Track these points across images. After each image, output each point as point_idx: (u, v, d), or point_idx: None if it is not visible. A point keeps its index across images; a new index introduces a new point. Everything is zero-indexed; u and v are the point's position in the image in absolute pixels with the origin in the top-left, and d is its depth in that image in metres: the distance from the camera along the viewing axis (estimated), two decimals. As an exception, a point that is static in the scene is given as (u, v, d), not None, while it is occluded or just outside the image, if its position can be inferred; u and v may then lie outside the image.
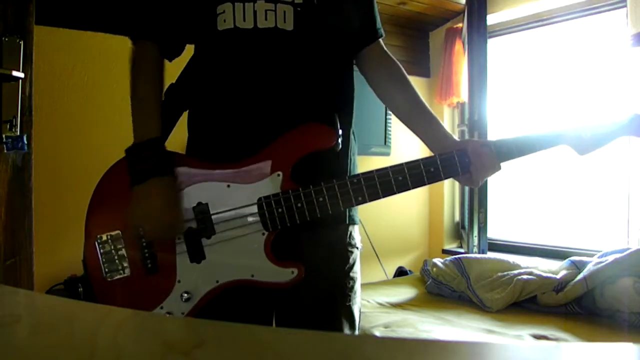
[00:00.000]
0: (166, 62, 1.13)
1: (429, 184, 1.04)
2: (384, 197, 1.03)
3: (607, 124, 1.08)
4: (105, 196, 1.07)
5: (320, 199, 1.01)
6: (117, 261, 1.04)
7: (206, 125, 1.12)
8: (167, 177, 1.02)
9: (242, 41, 1.05)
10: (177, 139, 1.15)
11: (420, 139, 1.17)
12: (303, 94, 1.06)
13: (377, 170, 1.03)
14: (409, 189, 1.03)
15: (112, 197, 1.06)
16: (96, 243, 1.04)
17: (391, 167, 1.03)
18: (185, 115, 1.17)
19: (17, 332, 0.47)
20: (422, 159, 1.04)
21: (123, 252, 1.04)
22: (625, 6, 2.64)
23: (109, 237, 1.04)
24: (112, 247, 1.04)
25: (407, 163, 1.03)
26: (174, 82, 1.16)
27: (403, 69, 1.20)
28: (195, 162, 1.07)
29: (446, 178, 1.06)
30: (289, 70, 1.06)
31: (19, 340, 0.45)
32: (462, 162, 1.05)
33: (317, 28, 1.07)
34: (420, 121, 1.16)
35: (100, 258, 1.04)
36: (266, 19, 1.04)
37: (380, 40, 1.21)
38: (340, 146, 1.04)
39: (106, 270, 1.04)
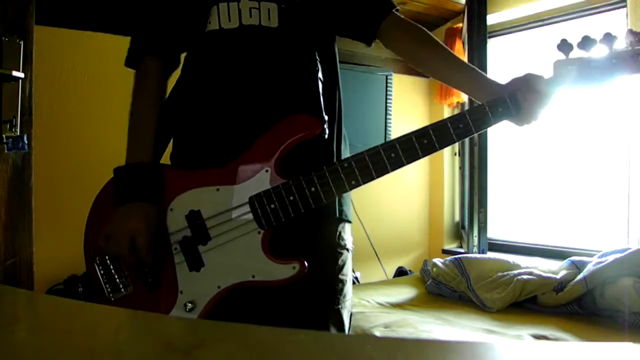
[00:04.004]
0: None
1: (440, 148, 1.00)
2: (377, 177, 1.00)
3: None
4: (100, 215, 1.06)
5: (313, 189, 0.98)
6: (117, 280, 1.03)
7: (193, 127, 1.10)
8: (148, 204, 1.01)
9: (227, 41, 1.05)
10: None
11: (466, 93, 1.15)
12: (287, 91, 1.06)
13: (367, 151, 1.00)
14: (404, 165, 1.00)
15: (107, 216, 1.03)
16: (95, 265, 1.04)
17: (381, 145, 1.00)
18: None
19: (17, 332, 0.47)
20: (430, 126, 0.99)
21: (123, 270, 1.03)
22: (625, 6, 2.64)
23: (107, 257, 1.03)
24: (112, 266, 1.03)
25: (398, 139, 1.00)
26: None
27: (427, 30, 1.16)
28: (182, 171, 1.06)
29: (482, 130, 1.01)
30: (273, 67, 1.06)
31: (19, 340, 0.45)
32: (514, 102, 1.00)
33: (301, 25, 1.07)
34: (461, 75, 1.13)
35: (101, 279, 1.03)
36: (250, 17, 1.04)
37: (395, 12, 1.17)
38: (327, 132, 1.02)
39: (109, 290, 1.03)
